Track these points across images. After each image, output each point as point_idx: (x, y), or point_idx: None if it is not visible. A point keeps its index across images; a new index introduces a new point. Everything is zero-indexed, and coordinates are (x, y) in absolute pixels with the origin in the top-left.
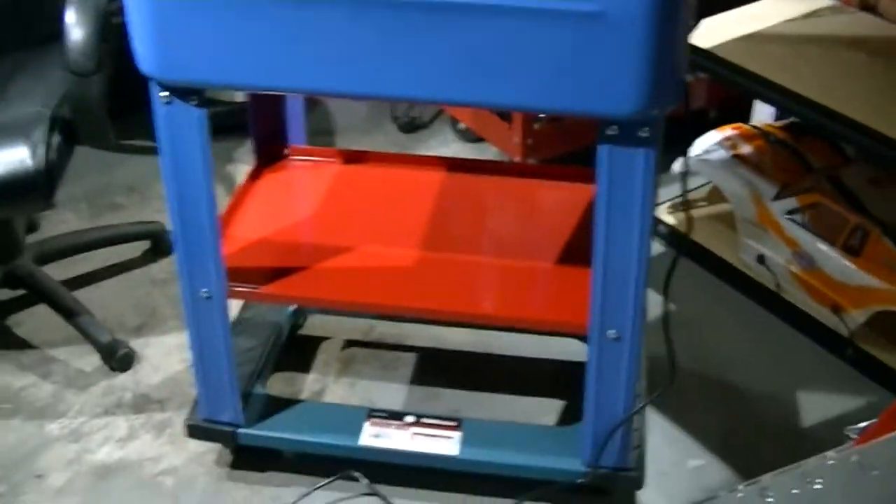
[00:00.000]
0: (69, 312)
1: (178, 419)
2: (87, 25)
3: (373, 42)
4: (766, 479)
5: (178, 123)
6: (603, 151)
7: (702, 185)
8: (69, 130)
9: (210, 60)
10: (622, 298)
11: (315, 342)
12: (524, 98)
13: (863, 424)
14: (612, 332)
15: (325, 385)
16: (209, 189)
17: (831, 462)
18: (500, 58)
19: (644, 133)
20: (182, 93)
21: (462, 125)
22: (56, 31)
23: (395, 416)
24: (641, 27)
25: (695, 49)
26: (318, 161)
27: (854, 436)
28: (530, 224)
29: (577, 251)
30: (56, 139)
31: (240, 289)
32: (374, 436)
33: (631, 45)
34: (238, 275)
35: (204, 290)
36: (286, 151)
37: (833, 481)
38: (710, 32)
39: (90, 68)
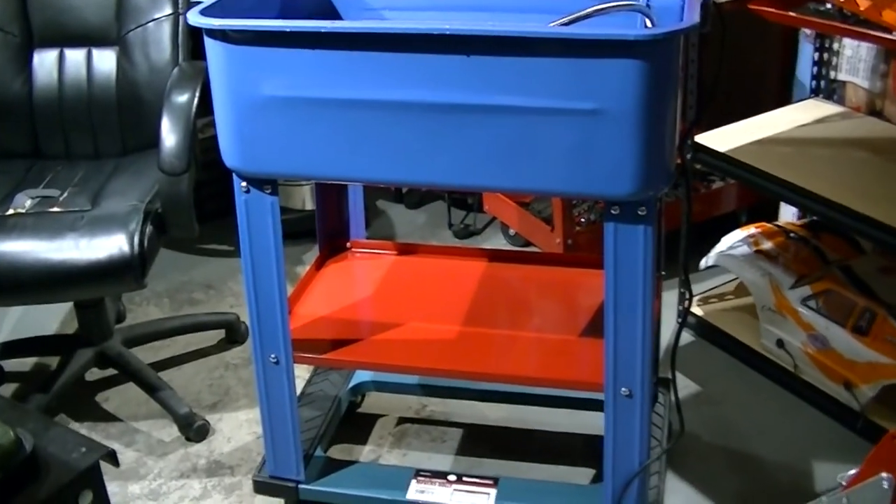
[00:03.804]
0: (152, 388)
1: (247, 482)
2: (178, 133)
3: (415, 139)
4: None
5: (254, 208)
6: (608, 229)
7: (729, 281)
8: (160, 222)
9: (281, 156)
10: (631, 358)
11: (371, 419)
12: (540, 183)
13: (851, 472)
14: (624, 390)
15: (380, 455)
16: (279, 264)
17: None
18: (520, 149)
19: (642, 211)
20: (258, 183)
21: (512, 231)
22: (150, 139)
23: (439, 475)
24: (632, 122)
25: (719, 155)
26: (376, 253)
27: (843, 482)
28: (559, 304)
29: (599, 324)
30: (149, 229)
31: (303, 355)
32: (419, 492)
33: (625, 136)
34: (302, 345)
35: (273, 355)
36: (348, 245)
37: None
38: (732, 138)
39: (181, 169)
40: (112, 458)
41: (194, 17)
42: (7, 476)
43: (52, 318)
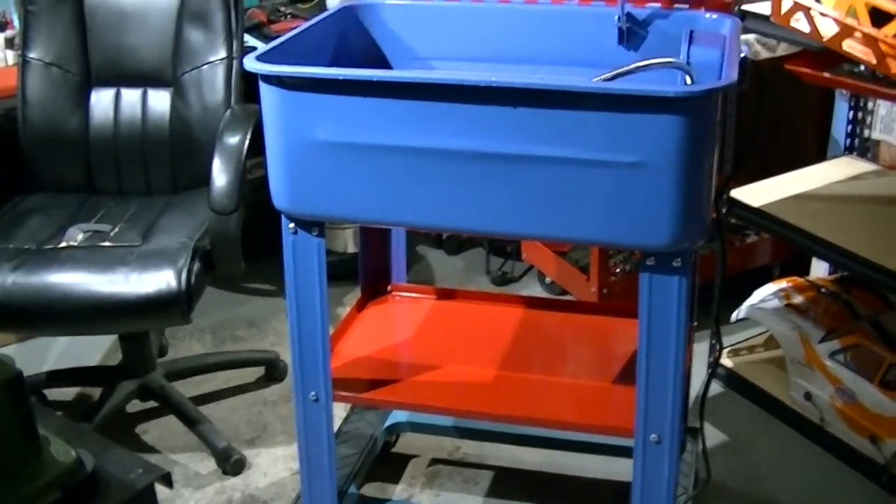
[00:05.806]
0: (191, 421)
1: None
2: (229, 173)
3: (459, 186)
4: None
5: (301, 249)
6: (644, 279)
7: (760, 334)
8: (208, 259)
9: (329, 199)
10: (662, 405)
11: (405, 459)
12: (579, 232)
13: None
14: (653, 436)
15: (412, 494)
16: (323, 304)
17: None
18: (561, 199)
19: (677, 263)
20: (306, 224)
21: (548, 279)
22: (200, 178)
23: None
24: (673, 175)
25: (753, 209)
26: (416, 297)
27: None
28: (593, 351)
29: (631, 372)
30: (197, 265)
31: (343, 394)
32: None
33: (664, 189)
34: (341, 384)
35: (313, 392)
36: (389, 288)
37: None
38: (766, 193)
39: (230, 208)
40: (167, 480)
41: (251, 63)
42: (68, 494)
43: (96, 349)
